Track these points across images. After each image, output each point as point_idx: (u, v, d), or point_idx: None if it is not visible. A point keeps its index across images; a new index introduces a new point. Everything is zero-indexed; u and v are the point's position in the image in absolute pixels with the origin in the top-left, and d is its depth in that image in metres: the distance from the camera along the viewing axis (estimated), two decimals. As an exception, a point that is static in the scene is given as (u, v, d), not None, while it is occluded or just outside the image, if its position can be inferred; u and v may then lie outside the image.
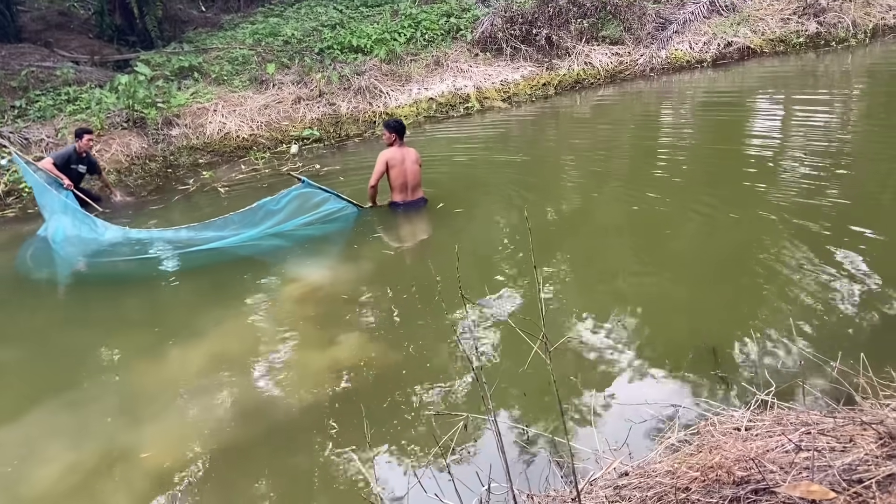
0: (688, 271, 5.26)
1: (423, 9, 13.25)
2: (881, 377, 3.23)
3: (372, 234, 6.56)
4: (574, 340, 4.16)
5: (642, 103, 11.05)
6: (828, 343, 3.96)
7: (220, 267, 6.13)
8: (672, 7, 13.35)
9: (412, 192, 6.67)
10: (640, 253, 5.67)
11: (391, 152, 6.51)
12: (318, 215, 6.51)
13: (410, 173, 6.58)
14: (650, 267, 5.40)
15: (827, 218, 5.69)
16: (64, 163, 7.49)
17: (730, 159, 7.58)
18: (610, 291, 5.03)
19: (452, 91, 11.52)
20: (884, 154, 7.34)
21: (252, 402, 4.07)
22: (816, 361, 3.64)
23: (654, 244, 5.78)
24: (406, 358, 4.30)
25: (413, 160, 6.60)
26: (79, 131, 7.68)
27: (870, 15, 12.79)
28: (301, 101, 10.88)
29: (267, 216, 6.31)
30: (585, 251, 5.81)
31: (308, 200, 6.44)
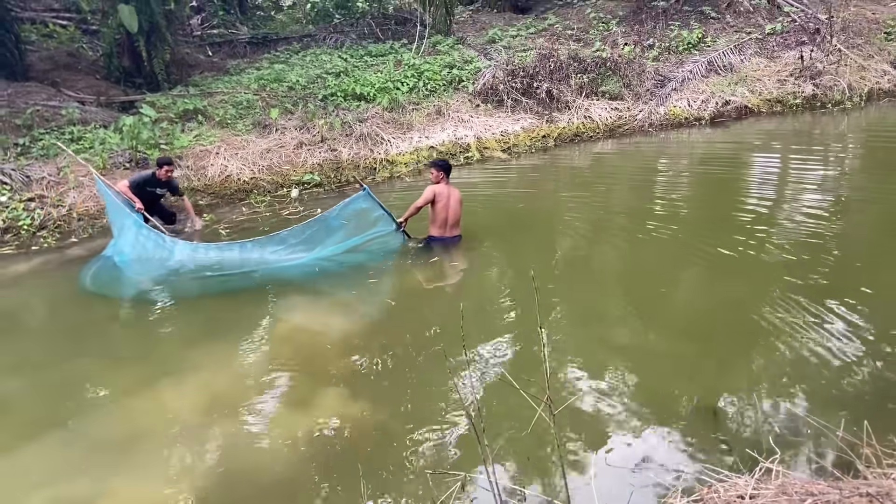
0: (688, 327, 5.23)
1: (426, 59, 13.49)
2: (884, 444, 3.18)
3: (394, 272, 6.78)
4: (575, 399, 4.09)
5: (641, 158, 11.16)
6: (830, 408, 3.91)
7: (227, 297, 6.32)
8: (671, 65, 13.62)
9: (451, 228, 6.92)
10: (640, 308, 5.64)
11: (440, 188, 6.80)
12: (371, 236, 6.84)
13: (453, 211, 6.86)
14: (650, 323, 5.36)
15: (825, 276, 5.71)
16: (140, 185, 7.74)
17: (728, 215, 7.61)
18: (610, 347, 4.98)
19: (453, 140, 11.63)
20: (879, 212, 7.41)
21: (236, 456, 3.96)
22: (819, 427, 3.58)
23: (653, 299, 5.76)
24: (403, 413, 4.22)
25: (457, 199, 6.90)
26: (160, 161, 7.92)
27: (864, 79, 13.05)
28: (303, 146, 10.95)
29: (328, 232, 6.67)
30: (585, 305, 5.78)
31: (365, 218, 6.77)
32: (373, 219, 6.82)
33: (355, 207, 6.73)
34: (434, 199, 6.77)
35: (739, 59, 13.47)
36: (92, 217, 8.82)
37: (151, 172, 7.91)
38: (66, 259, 7.72)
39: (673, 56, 13.96)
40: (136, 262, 6.94)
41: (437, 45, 14.38)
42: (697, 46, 14.11)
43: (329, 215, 6.68)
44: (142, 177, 7.89)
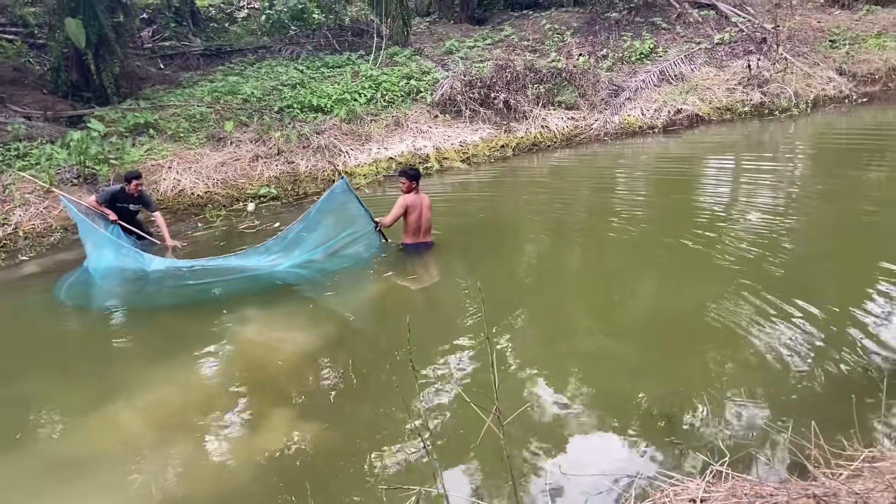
0: (643, 332, 5.29)
1: (383, 71, 13.48)
2: (832, 445, 3.24)
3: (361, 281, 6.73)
4: (529, 408, 4.09)
5: (598, 166, 11.30)
6: (780, 410, 3.97)
7: (188, 310, 6.27)
8: (624, 75, 13.85)
9: (423, 235, 6.99)
10: (598, 313, 5.70)
11: (411, 198, 6.80)
12: (350, 235, 6.84)
13: (425, 219, 6.92)
14: (607, 328, 5.41)
15: (777, 279, 5.83)
16: (109, 199, 7.61)
17: (683, 220, 7.75)
18: (567, 353, 5.00)
19: (412, 151, 11.62)
20: (827, 215, 7.65)
21: (187, 477, 3.87)
22: (769, 430, 3.64)
23: (610, 305, 5.83)
24: (356, 430, 4.17)
25: (428, 206, 6.94)
26: (128, 175, 7.76)
27: (810, 86, 13.44)
28: (259, 159, 10.83)
29: (309, 232, 6.69)
30: (544, 311, 5.80)
31: (344, 214, 6.80)
32: (351, 216, 6.84)
33: (334, 201, 6.76)
34: (406, 210, 6.77)
35: (690, 68, 13.77)
36: (39, 235, 8.59)
37: (120, 187, 7.74)
38: (14, 277, 7.50)
39: (626, 66, 14.21)
40: (110, 273, 6.86)
41: (395, 56, 14.39)
42: (649, 56, 14.39)
43: (310, 213, 6.71)
44: (110, 192, 7.72)
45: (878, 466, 2.76)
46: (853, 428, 3.30)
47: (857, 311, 5.09)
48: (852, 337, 4.73)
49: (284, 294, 6.48)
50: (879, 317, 5.01)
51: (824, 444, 3.19)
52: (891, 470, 2.68)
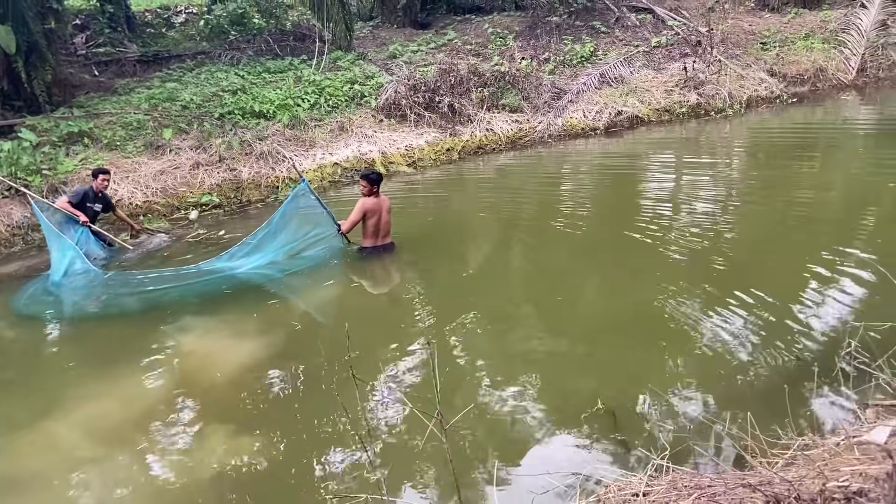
0: (588, 330, 5.38)
1: (326, 76, 13.37)
2: (768, 434, 3.34)
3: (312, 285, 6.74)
4: (476, 409, 4.10)
5: (543, 167, 11.46)
6: (721, 402, 4.08)
7: (132, 319, 6.18)
8: (566, 78, 14.07)
9: (383, 238, 7.01)
10: (544, 312, 5.78)
11: (370, 202, 6.80)
12: (312, 238, 6.88)
13: (384, 222, 6.95)
14: (553, 327, 5.49)
15: (717, 274, 6.02)
16: (80, 201, 7.73)
17: (627, 219, 7.90)
18: (514, 355, 5.04)
19: (358, 156, 11.55)
20: (763, 209, 7.96)
21: (127, 495, 3.75)
22: (708, 422, 3.73)
23: (556, 304, 5.91)
24: (299, 441, 4.11)
25: (387, 209, 6.96)
26: (95, 171, 7.98)
27: (744, 87, 13.90)
28: (200, 167, 10.59)
29: (273, 235, 6.71)
30: (490, 312, 5.82)
31: (307, 217, 6.86)
32: (314, 218, 6.88)
33: (296, 205, 6.82)
34: (366, 213, 6.78)
35: (629, 71, 14.06)
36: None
37: (89, 187, 7.88)
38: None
39: (568, 69, 14.44)
40: (72, 281, 6.79)
41: (338, 60, 14.30)
42: (590, 60, 14.66)
43: (273, 219, 6.74)
44: (81, 192, 7.84)
45: (810, 454, 2.86)
46: (787, 417, 3.41)
47: (791, 303, 5.28)
48: (787, 328, 4.90)
49: (233, 300, 6.38)
50: (812, 308, 5.21)
51: (760, 434, 3.29)
52: (822, 457, 2.78)
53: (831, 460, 2.64)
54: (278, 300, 6.44)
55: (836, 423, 3.55)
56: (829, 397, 3.91)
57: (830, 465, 2.61)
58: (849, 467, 2.45)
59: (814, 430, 3.36)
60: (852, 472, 2.40)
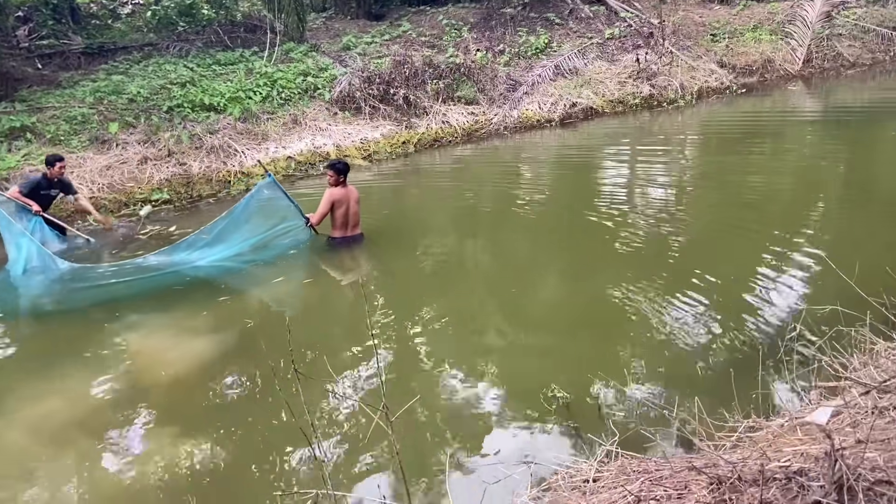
0: (543, 321, 5.39)
1: (279, 68, 13.14)
2: (716, 418, 3.38)
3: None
4: (430, 401, 4.07)
5: (500, 159, 11.47)
6: (671, 387, 4.13)
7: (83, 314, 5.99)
8: (521, 70, 14.10)
9: (352, 228, 6.95)
10: (499, 304, 5.78)
11: (337, 192, 6.71)
12: (280, 231, 6.77)
13: (353, 213, 6.87)
14: (508, 317, 5.49)
15: (670, 262, 6.12)
16: (32, 190, 7.52)
17: (583, 208, 7.94)
18: (468, 346, 5.02)
19: (312, 149, 11.39)
20: (715, 195, 8.16)
21: (72, 499, 3.62)
22: (658, 408, 3.77)
23: (512, 294, 5.91)
24: (249, 440, 4.03)
25: (355, 200, 6.87)
26: (50, 158, 7.70)
27: (695, 78, 14.13)
28: (148, 161, 10.32)
29: (236, 227, 6.57)
30: (448, 303, 5.81)
31: (273, 210, 6.71)
32: (280, 212, 6.76)
33: (261, 198, 6.67)
34: (333, 204, 6.71)
35: (583, 62, 14.17)
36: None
37: (42, 174, 7.69)
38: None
39: (523, 61, 14.47)
40: (28, 275, 6.63)
41: (290, 52, 14.07)
42: (545, 51, 14.72)
43: (236, 209, 6.58)
44: (33, 181, 7.64)
45: (755, 436, 2.90)
46: (734, 401, 3.46)
47: (741, 288, 5.38)
48: (737, 313, 4.98)
49: (185, 295, 6.24)
50: (760, 292, 5.31)
51: (708, 418, 3.33)
52: (765, 438, 2.82)
53: (774, 441, 2.67)
54: (232, 295, 6.30)
55: (781, 405, 3.61)
56: (774, 380, 3.98)
57: (774, 445, 2.65)
58: (791, 448, 2.49)
59: (759, 412, 3.41)
60: (794, 452, 2.44)
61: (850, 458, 2.11)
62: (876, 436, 2.38)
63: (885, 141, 10.37)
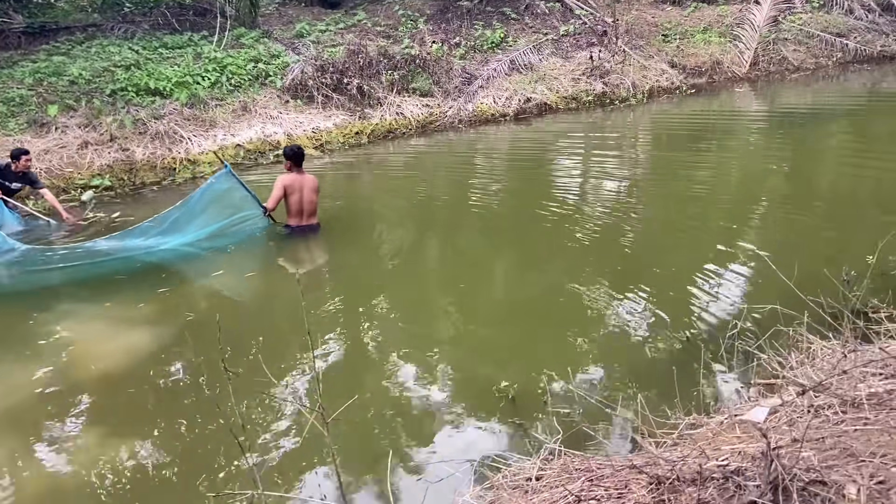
0: (492, 316, 5.38)
1: (228, 53, 12.81)
2: (659, 415, 3.41)
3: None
4: (374, 396, 4.00)
5: (454, 151, 11.43)
6: (616, 385, 4.15)
7: (17, 302, 5.81)
8: (477, 63, 14.06)
9: (307, 217, 6.85)
10: (449, 298, 5.76)
11: (290, 178, 6.69)
12: (237, 220, 6.68)
13: (307, 201, 6.77)
14: (457, 312, 5.46)
15: (619, 258, 6.19)
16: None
17: (536, 203, 7.95)
18: (416, 342, 4.97)
19: (262, 138, 11.15)
20: (665, 192, 8.34)
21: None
22: (603, 405, 3.78)
23: (462, 289, 5.89)
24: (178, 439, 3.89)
25: (310, 188, 6.77)
26: (15, 152, 7.65)
27: (646, 77, 14.32)
28: (89, 146, 9.95)
29: (191, 217, 6.45)
30: (396, 298, 5.75)
31: (230, 200, 6.61)
32: (237, 201, 6.68)
33: (218, 188, 6.59)
34: (286, 190, 6.65)
35: (538, 58, 14.22)
36: None
37: (6, 164, 7.60)
38: None
39: (478, 55, 14.44)
40: None
41: (241, 38, 13.73)
42: (500, 46, 14.71)
43: (191, 199, 6.50)
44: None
45: (694, 434, 2.93)
46: (676, 398, 3.50)
47: (687, 284, 5.46)
48: (681, 310, 5.04)
49: (130, 283, 6.06)
50: (704, 290, 5.38)
51: (651, 415, 3.35)
52: (705, 436, 2.85)
53: (714, 439, 2.70)
54: (173, 287, 6.10)
55: (722, 402, 3.67)
56: (715, 376, 4.04)
57: (713, 443, 2.67)
58: (729, 446, 2.51)
59: (700, 409, 3.45)
60: (732, 451, 2.46)
61: (786, 458, 2.14)
62: (811, 434, 2.42)
63: (827, 144, 10.69)
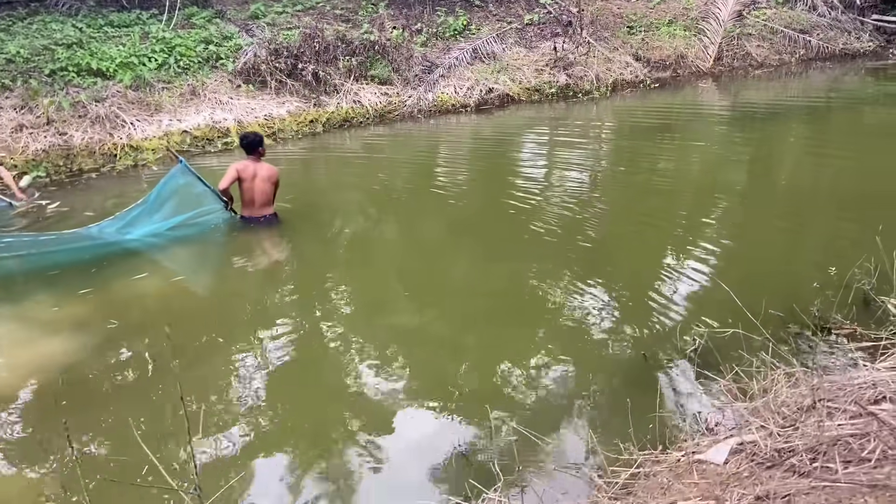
0: (444, 327, 5.11)
1: (178, 33, 12.21)
2: (610, 449, 3.16)
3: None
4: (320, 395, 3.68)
5: (413, 142, 11.09)
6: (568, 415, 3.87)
7: None
8: (438, 51, 13.68)
9: (259, 208, 6.56)
10: (404, 295, 5.57)
11: (242, 165, 6.44)
12: (196, 215, 6.48)
13: (259, 191, 6.47)
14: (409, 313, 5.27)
15: (582, 253, 6.09)
16: None
17: (498, 196, 7.84)
18: (366, 343, 4.68)
19: (210, 124, 10.64)
20: (627, 186, 8.31)
21: None
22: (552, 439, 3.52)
23: (417, 287, 5.72)
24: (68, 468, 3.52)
25: (264, 178, 6.47)
26: None
27: (610, 70, 14.11)
28: (23, 129, 9.38)
29: (149, 214, 6.26)
30: (360, 294, 5.53)
31: (188, 195, 6.40)
32: (196, 197, 6.47)
33: (174, 185, 6.38)
34: (238, 177, 6.39)
35: (501, 47, 13.89)
36: None
37: None
38: None
39: (440, 42, 14.04)
40: None
41: (192, 17, 13.09)
42: (463, 34, 14.34)
43: (149, 198, 6.29)
44: None
45: (649, 482, 2.67)
46: (629, 428, 3.25)
47: (646, 289, 5.28)
48: (637, 319, 4.82)
49: (58, 280, 5.65)
50: (663, 293, 5.19)
51: (603, 450, 3.11)
52: (659, 484, 2.60)
53: (668, 488, 2.46)
54: (98, 288, 5.61)
55: (679, 433, 3.41)
56: (674, 400, 3.80)
57: (667, 493, 2.42)
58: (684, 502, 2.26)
59: (656, 441, 3.20)
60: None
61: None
62: (776, 489, 2.18)
63: (788, 141, 10.64)
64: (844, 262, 4.93)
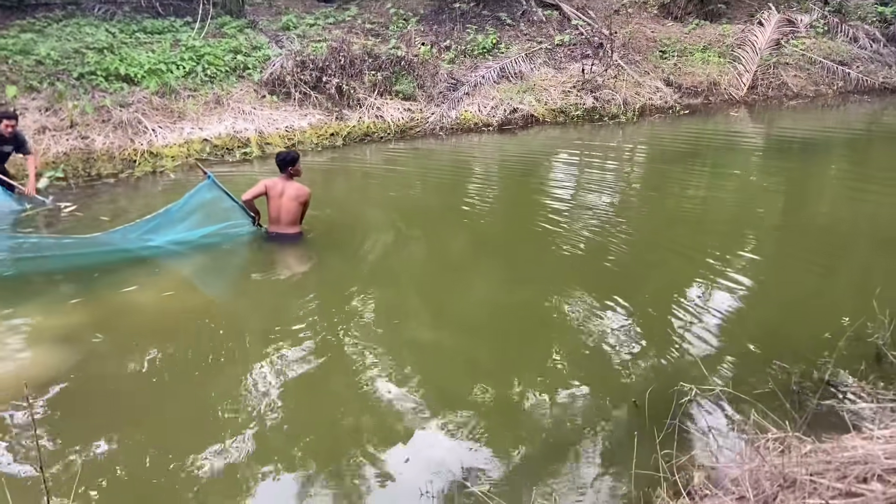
0: (460, 346, 5.09)
1: (208, 42, 12.34)
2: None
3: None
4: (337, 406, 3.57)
5: (436, 160, 11.00)
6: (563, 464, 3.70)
7: None
8: (465, 69, 13.60)
9: (285, 226, 6.54)
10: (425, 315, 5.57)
11: (272, 181, 6.48)
12: (223, 228, 6.51)
13: (284, 209, 6.45)
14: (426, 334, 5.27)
15: (606, 277, 6.09)
16: None
17: (523, 216, 7.89)
18: (383, 354, 4.69)
19: (231, 134, 10.68)
20: (654, 214, 8.22)
21: None
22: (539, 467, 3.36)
23: (446, 301, 5.77)
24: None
25: (291, 196, 6.42)
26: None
27: (639, 94, 13.88)
28: (47, 132, 9.51)
29: (171, 225, 6.28)
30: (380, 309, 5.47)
31: (214, 209, 6.42)
32: (223, 210, 6.49)
33: (200, 199, 6.36)
34: (266, 192, 6.44)
35: (530, 67, 13.77)
36: None
37: None
38: None
39: (468, 60, 13.96)
40: None
41: (224, 26, 13.23)
42: (491, 52, 14.25)
43: (172, 209, 6.25)
44: None
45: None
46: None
47: (663, 328, 5.14)
48: (645, 365, 4.62)
49: (52, 288, 5.66)
50: (676, 340, 4.96)
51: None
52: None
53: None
54: (88, 298, 5.54)
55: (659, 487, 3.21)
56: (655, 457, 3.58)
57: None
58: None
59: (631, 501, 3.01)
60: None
61: None
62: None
63: (825, 174, 10.31)
64: (868, 311, 4.68)
